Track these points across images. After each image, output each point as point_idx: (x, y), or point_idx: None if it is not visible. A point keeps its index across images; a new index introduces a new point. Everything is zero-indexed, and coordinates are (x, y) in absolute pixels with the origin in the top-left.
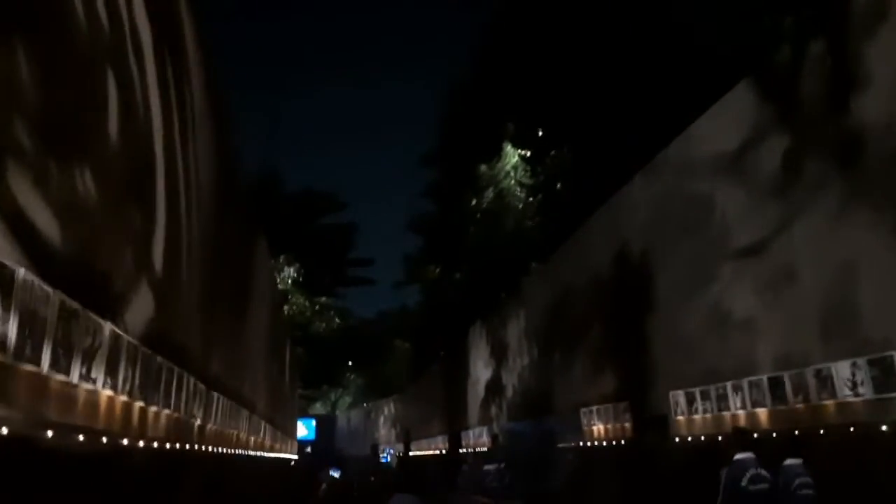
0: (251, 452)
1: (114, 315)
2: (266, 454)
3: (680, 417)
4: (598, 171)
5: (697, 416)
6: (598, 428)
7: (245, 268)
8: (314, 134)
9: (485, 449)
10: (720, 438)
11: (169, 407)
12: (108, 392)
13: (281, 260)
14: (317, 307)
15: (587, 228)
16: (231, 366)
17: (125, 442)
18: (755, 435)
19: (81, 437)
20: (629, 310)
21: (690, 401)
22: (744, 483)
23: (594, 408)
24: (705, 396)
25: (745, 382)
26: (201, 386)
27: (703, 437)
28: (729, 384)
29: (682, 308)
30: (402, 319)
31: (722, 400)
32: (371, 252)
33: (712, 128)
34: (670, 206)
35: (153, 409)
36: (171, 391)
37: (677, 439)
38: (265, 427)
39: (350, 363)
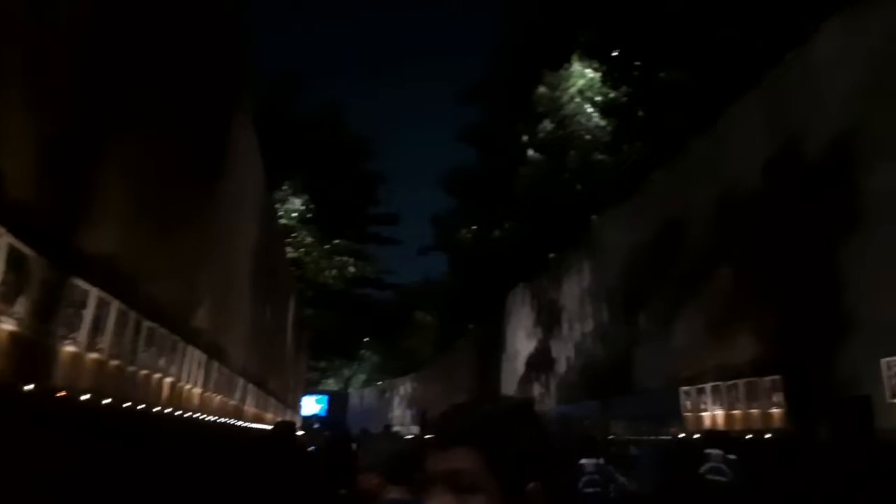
0: (217, 419)
1: None
2: (251, 424)
3: None
4: (702, 89)
5: None
6: (714, 414)
7: (207, 146)
8: (342, 76)
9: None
10: None
11: None
12: None
13: (285, 188)
14: (327, 246)
15: (713, 134)
16: (172, 280)
17: None
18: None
19: None
20: (793, 236)
21: None
22: (702, 471)
23: (708, 385)
24: None
25: None
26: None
27: None
28: None
29: None
30: (427, 290)
31: None
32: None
33: None
34: None
35: None
36: None
37: None
38: (248, 389)
39: (366, 339)
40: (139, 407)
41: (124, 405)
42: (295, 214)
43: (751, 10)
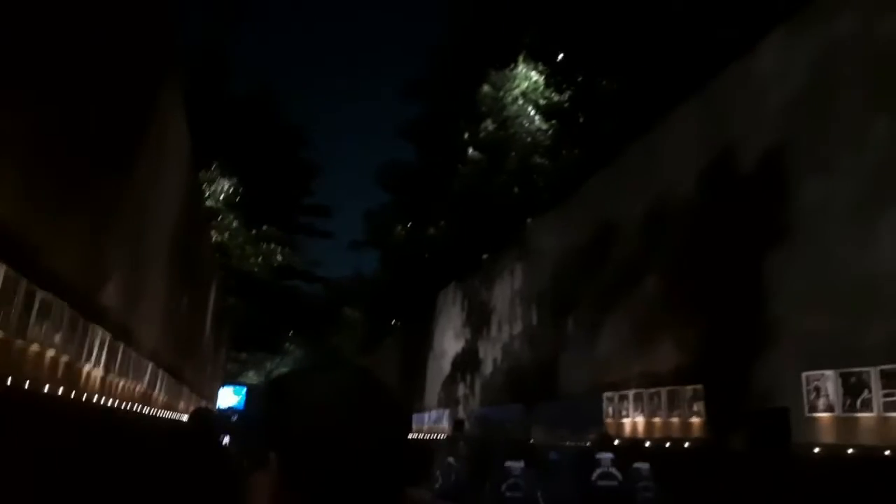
0: (122, 404)
1: None
2: (161, 413)
3: (821, 414)
4: (642, 101)
5: (869, 415)
6: (635, 421)
7: (125, 121)
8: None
9: (443, 436)
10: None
11: None
12: None
13: (213, 168)
14: (253, 231)
15: (649, 142)
16: (77, 254)
17: None
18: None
19: None
20: (721, 246)
21: (857, 388)
22: (593, 477)
23: (631, 392)
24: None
25: None
26: None
27: (888, 452)
28: None
29: (854, 231)
30: (356, 286)
31: None
32: (327, 204)
33: None
34: (849, 65)
35: None
36: None
37: (817, 450)
38: (159, 375)
39: (291, 333)
40: (25, 385)
41: (6, 381)
42: (222, 197)
43: (694, 20)
